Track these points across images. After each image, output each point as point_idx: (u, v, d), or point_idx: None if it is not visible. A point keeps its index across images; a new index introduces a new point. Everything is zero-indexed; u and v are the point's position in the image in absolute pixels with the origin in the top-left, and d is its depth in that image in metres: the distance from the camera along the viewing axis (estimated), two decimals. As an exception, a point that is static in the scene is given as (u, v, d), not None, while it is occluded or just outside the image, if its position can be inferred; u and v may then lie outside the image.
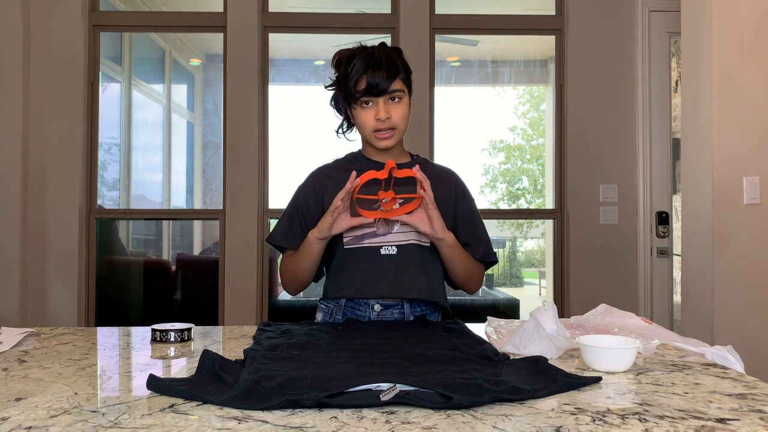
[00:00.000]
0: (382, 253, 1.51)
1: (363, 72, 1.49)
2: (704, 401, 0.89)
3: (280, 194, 3.81)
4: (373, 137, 1.53)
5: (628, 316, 1.43)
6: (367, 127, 1.52)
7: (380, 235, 1.52)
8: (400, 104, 1.51)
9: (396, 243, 1.52)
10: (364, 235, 1.52)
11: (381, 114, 1.49)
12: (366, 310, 1.53)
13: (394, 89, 1.49)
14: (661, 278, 3.63)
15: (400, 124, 1.52)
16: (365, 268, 1.51)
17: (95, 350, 1.24)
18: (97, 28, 3.70)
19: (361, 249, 1.52)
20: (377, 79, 1.48)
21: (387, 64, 1.50)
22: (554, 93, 3.80)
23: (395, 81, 1.50)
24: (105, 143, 4.05)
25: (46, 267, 3.54)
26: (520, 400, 0.87)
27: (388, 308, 1.53)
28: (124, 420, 0.80)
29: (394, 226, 1.52)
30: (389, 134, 1.52)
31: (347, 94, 1.52)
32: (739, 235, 2.60)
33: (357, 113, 1.53)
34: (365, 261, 1.51)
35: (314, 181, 1.61)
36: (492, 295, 4.81)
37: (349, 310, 1.54)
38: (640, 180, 3.65)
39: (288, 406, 0.84)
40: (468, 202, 1.64)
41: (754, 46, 2.64)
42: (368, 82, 1.48)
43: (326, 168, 1.65)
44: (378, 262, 1.51)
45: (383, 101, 1.49)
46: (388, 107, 1.50)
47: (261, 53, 3.67)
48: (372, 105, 1.50)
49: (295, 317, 3.25)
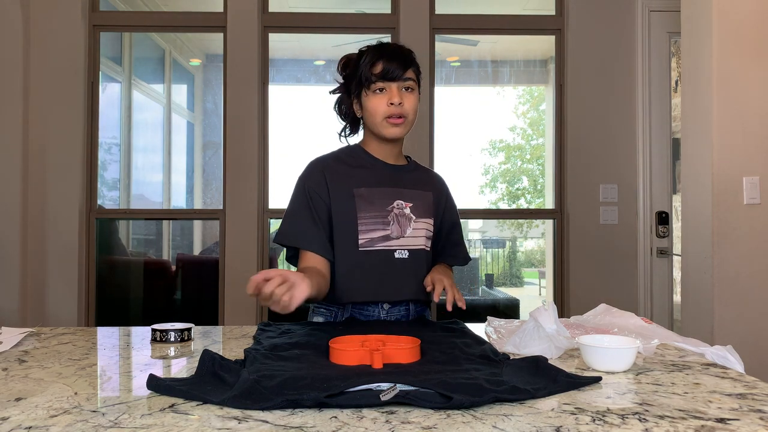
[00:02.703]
0: (396, 256, 1.51)
1: (378, 58, 1.49)
2: (704, 401, 0.89)
3: (280, 194, 3.81)
4: (385, 123, 1.50)
5: (628, 316, 1.43)
6: (378, 113, 1.50)
7: (394, 238, 1.51)
8: (412, 94, 1.52)
9: (408, 247, 1.52)
10: (379, 237, 1.50)
11: (395, 98, 1.48)
12: (375, 310, 1.53)
13: (408, 77, 1.50)
14: (661, 278, 3.63)
15: (411, 114, 1.52)
16: (380, 271, 1.50)
17: (95, 350, 1.24)
18: (97, 28, 3.70)
19: (376, 252, 1.50)
20: (392, 65, 1.48)
21: (401, 54, 1.51)
22: (554, 93, 3.80)
23: (408, 70, 1.51)
24: (105, 143, 4.05)
25: (46, 267, 3.54)
26: (520, 400, 0.87)
27: (395, 306, 1.54)
28: (124, 420, 0.80)
29: (407, 229, 1.52)
30: (400, 121, 1.50)
31: (360, 81, 1.50)
32: (739, 235, 2.60)
33: (368, 100, 1.51)
34: (381, 264, 1.50)
35: (321, 168, 1.55)
36: (492, 295, 4.81)
37: (357, 311, 1.53)
38: (640, 180, 3.65)
39: (288, 406, 0.84)
40: (451, 211, 1.68)
41: (754, 46, 2.64)
42: (384, 67, 1.48)
43: (327, 159, 1.58)
44: (392, 266, 1.50)
45: (397, 87, 1.49)
46: (401, 94, 1.49)
47: (261, 53, 3.67)
48: (385, 92, 1.49)
49: (295, 317, 3.24)
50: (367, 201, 1.50)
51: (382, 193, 1.52)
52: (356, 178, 1.53)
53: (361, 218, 1.49)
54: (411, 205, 1.53)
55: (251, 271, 3.58)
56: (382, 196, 1.52)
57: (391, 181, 1.55)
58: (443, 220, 1.65)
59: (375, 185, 1.53)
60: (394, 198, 1.52)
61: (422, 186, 1.60)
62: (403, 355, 1.05)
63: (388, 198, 1.52)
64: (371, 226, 1.49)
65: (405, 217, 1.52)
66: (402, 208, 1.52)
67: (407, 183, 1.57)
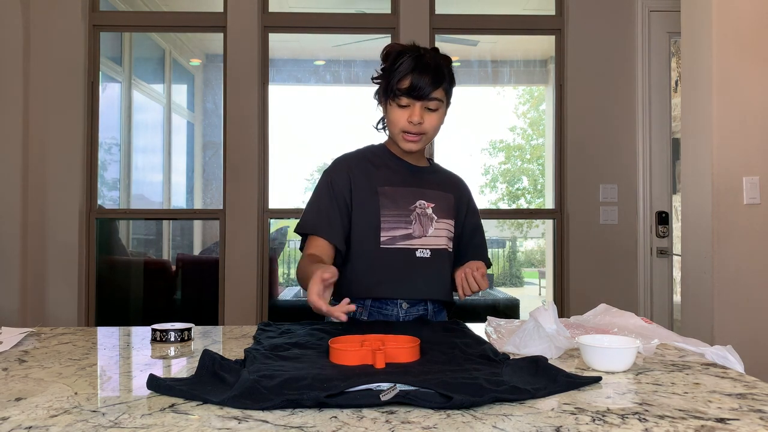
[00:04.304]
0: (418, 255, 1.51)
1: (409, 72, 1.46)
2: (704, 401, 0.89)
3: (280, 194, 3.81)
4: (401, 137, 1.51)
5: (628, 316, 1.43)
6: (397, 126, 1.50)
7: (416, 237, 1.51)
8: (435, 114, 1.50)
9: (430, 246, 1.52)
10: (402, 236, 1.50)
11: (415, 117, 1.47)
12: (393, 309, 1.52)
13: (434, 97, 1.47)
14: (661, 278, 3.63)
15: (431, 132, 1.51)
16: (401, 268, 1.50)
17: (95, 350, 1.24)
18: (97, 28, 3.70)
19: (397, 250, 1.50)
20: (422, 82, 1.45)
21: (434, 70, 1.47)
22: (554, 93, 3.80)
23: (438, 90, 1.48)
24: (105, 143, 4.05)
25: (46, 267, 3.54)
26: (520, 400, 0.87)
27: (414, 305, 1.54)
28: (124, 420, 0.80)
29: (429, 229, 1.52)
30: (416, 138, 1.50)
31: (388, 89, 1.49)
32: (739, 235, 2.60)
33: (391, 109, 1.51)
34: (402, 262, 1.50)
35: (347, 166, 1.56)
36: (492, 295, 4.80)
37: (375, 310, 1.52)
38: (640, 180, 3.65)
39: (288, 406, 0.84)
40: (473, 214, 1.67)
41: (754, 46, 2.64)
42: (412, 83, 1.46)
43: (352, 156, 1.60)
44: (413, 265, 1.50)
45: (420, 106, 1.47)
46: (423, 114, 1.48)
47: (261, 53, 3.67)
48: (408, 107, 1.48)
49: (295, 317, 3.24)
50: (390, 199, 1.51)
51: (406, 193, 1.53)
52: (381, 176, 1.55)
53: (384, 216, 1.50)
54: (433, 206, 1.54)
55: (251, 271, 3.58)
56: (405, 195, 1.53)
57: (414, 182, 1.56)
58: (465, 223, 1.64)
59: (399, 184, 1.54)
60: (417, 198, 1.53)
61: (444, 188, 1.60)
62: (402, 354, 1.05)
63: (411, 197, 1.53)
64: (393, 224, 1.50)
65: (427, 217, 1.53)
66: (424, 208, 1.53)
67: (430, 184, 1.58)
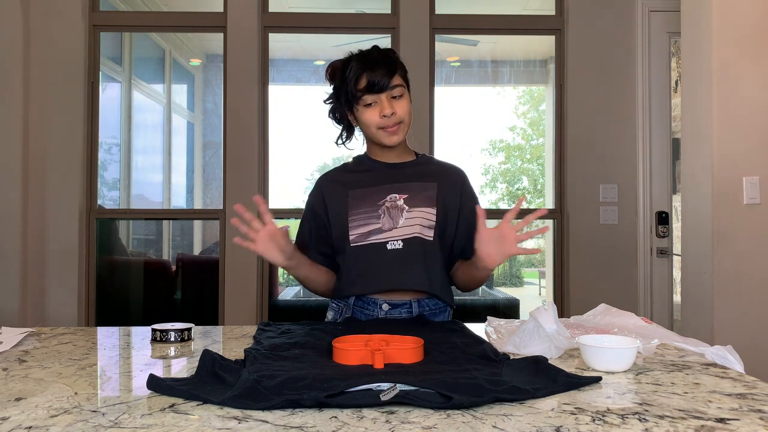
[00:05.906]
0: (389, 248, 1.51)
1: (362, 71, 1.49)
2: (704, 401, 0.89)
3: (280, 194, 3.81)
4: (381, 134, 1.52)
5: (628, 316, 1.43)
6: (372, 125, 1.51)
7: (386, 230, 1.51)
8: (402, 99, 1.52)
9: (402, 237, 1.51)
10: (371, 231, 1.52)
11: (386, 110, 1.49)
12: (374, 309, 1.53)
13: (394, 84, 1.50)
14: (661, 278, 3.63)
15: (406, 118, 1.53)
16: (372, 263, 1.51)
17: (95, 350, 1.24)
18: (97, 28, 3.70)
19: (368, 246, 1.51)
20: (377, 75, 1.48)
21: (384, 61, 1.50)
22: (554, 93, 3.80)
23: (395, 77, 1.50)
24: (105, 143, 4.05)
25: (46, 267, 3.54)
26: (520, 400, 0.87)
27: (396, 307, 1.53)
28: (124, 420, 0.80)
29: (399, 220, 1.52)
30: (395, 128, 1.52)
31: (348, 98, 1.51)
32: (739, 235, 2.60)
33: (360, 114, 1.52)
34: (373, 257, 1.51)
35: (320, 184, 1.64)
36: (492, 295, 4.81)
37: (357, 309, 1.54)
38: (640, 180, 3.64)
39: (288, 406, 0.84)
40: (470, 199, 1.63)
41: (754, 46, 2.64)
42: (368, 80, 1.48)
43: (331, 173, 1.67)
44: (384, 258, 1.50)
45: (386, 97, 1.49)
46: (391, 103, 1.50)
47: (261, 53, 3.67)
48: (375, 104, 1.50)
49: (295, 317, 3.24)
50: (359, 199, 1.54)
51: (377, 190, 1.55)
52: (353, 182, 1.58)
53: (351, 215, 1.53)
54: (405, 197, 1.53)
55: (251, 271, 3.58)
56: (377, 192, 1.54)
57: (388, 178, 1.57)
58: (462, 210, 1.59)
59: (371, 184, 1.56)
60: (388, 193, 1.54)
61: (424, 178, 1.59)
62: (406, 355, 1.05)
63: (383, 194, 1.54)
64: (362, 221, 1.52)
65: (397, 209, 1.52)
66: (395, 200, 1.53)
67: (407, 176, 1.57)
